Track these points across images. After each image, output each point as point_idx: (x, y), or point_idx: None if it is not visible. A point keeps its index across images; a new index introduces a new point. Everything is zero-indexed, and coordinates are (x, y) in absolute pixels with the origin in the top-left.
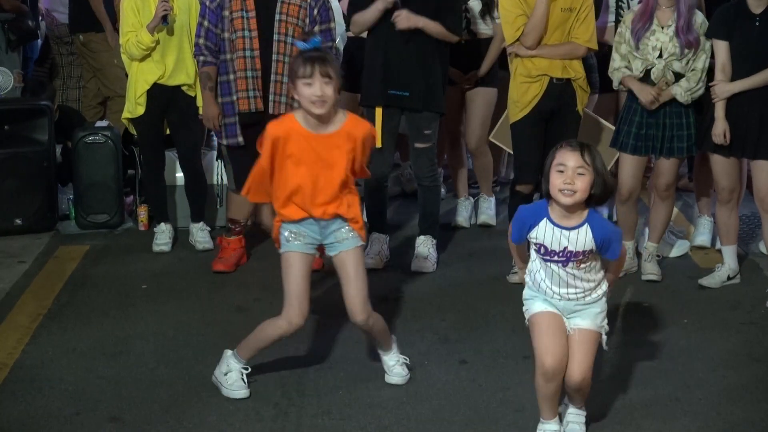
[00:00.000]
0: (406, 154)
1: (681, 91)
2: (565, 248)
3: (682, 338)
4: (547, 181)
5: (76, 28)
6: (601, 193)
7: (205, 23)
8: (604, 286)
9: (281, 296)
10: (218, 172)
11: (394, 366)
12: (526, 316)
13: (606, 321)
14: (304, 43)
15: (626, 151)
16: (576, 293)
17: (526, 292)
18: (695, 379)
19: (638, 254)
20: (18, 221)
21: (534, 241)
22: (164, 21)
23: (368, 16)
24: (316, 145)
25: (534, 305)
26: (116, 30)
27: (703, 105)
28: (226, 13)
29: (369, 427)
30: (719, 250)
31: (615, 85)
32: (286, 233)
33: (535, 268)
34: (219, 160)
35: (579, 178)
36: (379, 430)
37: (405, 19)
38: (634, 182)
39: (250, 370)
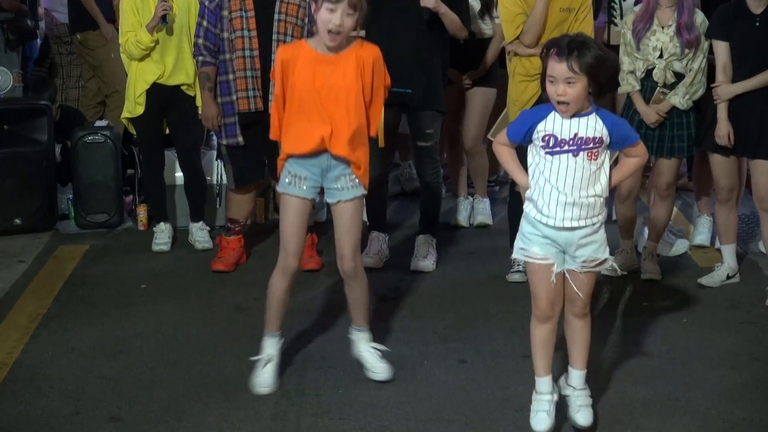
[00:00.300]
0: (406, 153)
1: (679, 99)
2: (576, 134)
3: (681, 337)
4: (544, 89)
5: (75, 28)
6: (600, 88)
7: (204, 23)
8: (605, 213)
9: None
10: (218, 172)
11: (375, 363)
12: (522, 251)
13: (607, 251)
14: None
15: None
16: (580, 215)
17: (525, 227)
18: (695, 378)
19: (637, 253)
20: (17, 221)
21: (542, 134)
22: (164, 21)
23: None
24: (325, 65)
25: (532, 247)
26: (115, 29)
27: (701, 104)
28: (225, 13)
29: (369, 427)
30: (719, 250)
31: (621, 91)
32: (287, 174)
33: (540, 187)
34: (219, 160)
35: (570, 87)
36: (378, 430)
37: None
38: (633, 181)
39: (283, 338)
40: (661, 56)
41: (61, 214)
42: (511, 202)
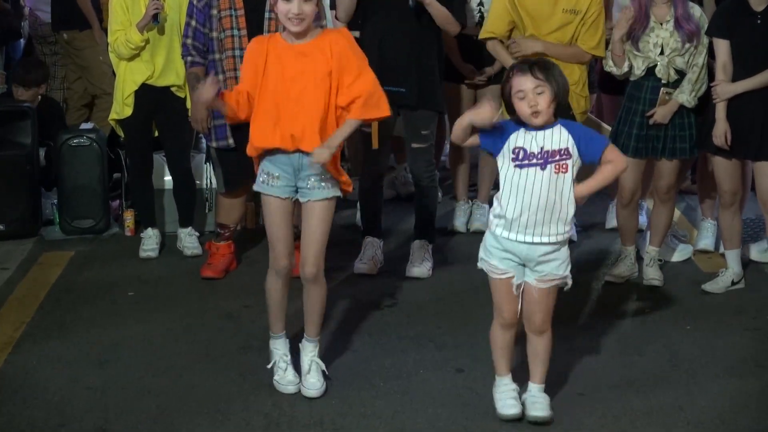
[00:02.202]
0: (402, 156)
1: (686, 97)
2: (542, 148)
3: (685, 345)
4: (512, 111)
5: (60, 26)
6: (559, 103)
7: (193, 23)
8: (572, 231)
9: None
10: (207, 176)
11: (310, 377)
12: (483, 262)
13: (568, 269)
14: None
15: (627, 153)
16: (542, 231)
17: (488, 239)
18: (699, 386)
19: (640, 259)
20: (0, 227)
21: (513, 146)
22: (155, 20)
23: None
24: (296, 55)
25: (491, 259)
26: (103, 28)
27: (703, 104)
28: (215, 12)
29: None
30: (723, 254)
31: (609, 66)
32: (261, 173)
33: (506, 199)
34: (207, 163)
35: (540, 97)
36: None
37: None
38: (636, 185)
39: (290, 338)
40: (662, 53)
41: (46, 219)
42: None
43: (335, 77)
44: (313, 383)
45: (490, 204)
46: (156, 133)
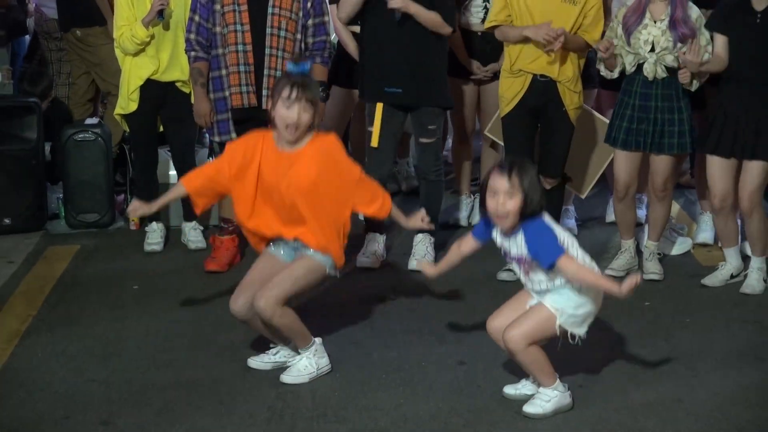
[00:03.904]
0: (403, 150)
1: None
2: (510, 251)
3: (684, 338)
4: (484, 205)
5: (70, 23)
6: (532, 211)
7: (196, 18)
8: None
9: None
10: None
11: (299, 360)
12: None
13: (567, 316)
14: (295, 66)
15: (617, 146)
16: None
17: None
18: (698, 379)
19: (639, 253)
20: (6, 221)
21: (499, 244)
22: (160, 16)
23: None
24: (286, 166)
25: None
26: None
27: (699, 101)
28: (218, 7)
29: (365, 430)
30: (722, 248)
31: (602, 71)
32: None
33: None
34: (211, 158)
35: (509, 201)
36: None
37: (398, 0)
38: (630, 178)
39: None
40: (652, 50)
41: (51, 213)
42: None
43: (329, 183)
44: (296, 370)
45: None
46: (161, 128)
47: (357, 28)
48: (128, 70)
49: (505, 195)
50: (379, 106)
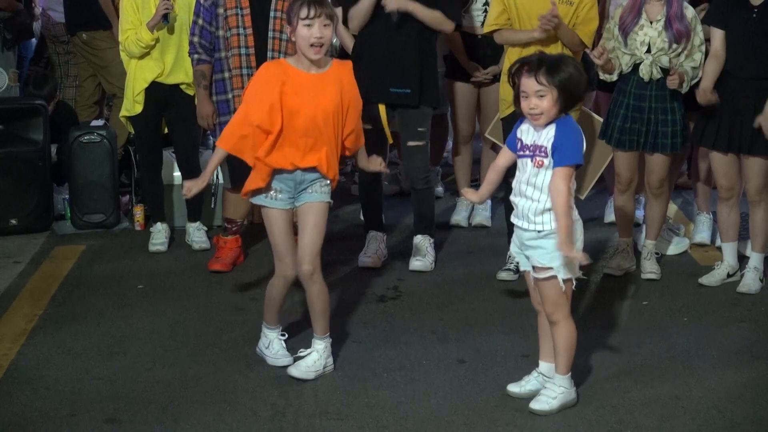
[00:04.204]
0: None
1: (689, 70)
2: (534, 141)
3: (681, 336)
4: (518, 103)
5: (77, 27)
6: (566, 102)
7: (200, 21)
8: (553, 226)
9: None
10: (215, 172)
11: (306, 359)
12: None
13: (558, 262)
14: None
15: (611, 144)
16: (523, 215)
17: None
18: (695, 377)
19: (637, 252)
20: (13, 221)
21: (517, 137)
22: (165, 20)
23: (361, 6)
24: (310, 85)
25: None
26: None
27: (692, 102)
28: (221, 10)
29: (367, 427)
30: (719, 248)
31: (602, 74)
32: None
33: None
34: None
35: (541, 100)
36: (377, 430)
37: (394, 1)
38: (631, 173)
39: (286, 336)
40: (648, 51)
41: (57, 214)
42: (506, 196)
43: (345, 109)
44: (305, 366)
45: (492, 199)
46: (165, 130)
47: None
48: (133, 72)
49: (535, 96)
50: (382, 108)
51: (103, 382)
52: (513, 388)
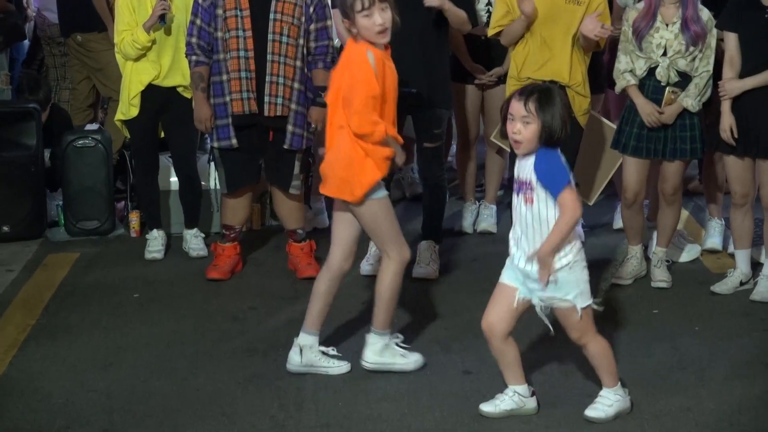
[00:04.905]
0: (408, 157)
1: (691, 102)
2: (519, 176)
3: (693, 346)
4: (504, 125)
5: (71, 28)
6: (550, 140)
7: (198, 22)
8: (564, 261)
9: (278, 304)
10: (213, 177)
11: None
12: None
13: (578, 294)
14: None
15: (627, 153)
16: (531, 244)
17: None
18: (707, 388)
19: (647, 259)
20: (5, 228)
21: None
22: (162, 20)
23: None
24: (391, 63)
25: (504, 272)
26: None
27: (710, 104)
28: (220, 11)
29: None
30: (731, 254)
31: (617, 89)
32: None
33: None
34: (211, 164)
35: (525, 127)
36: None
37: None
38: (639, 186)
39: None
40: (664, 54)
41: (51, 221)
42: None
43: None
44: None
45: (497, 205)
46: (162, 134)
47: None
48: (129, 75)
49: (520, 121)
50: None
51: (98, 395)
52: (486, 407)
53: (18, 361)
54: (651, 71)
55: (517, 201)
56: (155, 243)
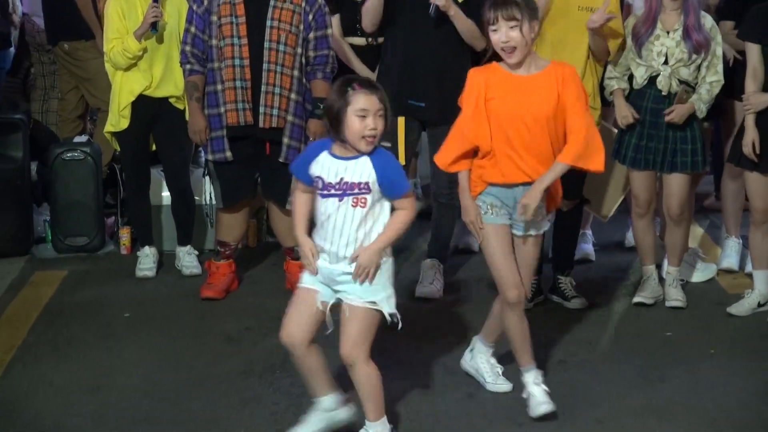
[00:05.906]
0: (413, 171)
1: (702, 106)
2: (342, 179)
3: (709, 370)
4: (340, 124)
5: (58, 36)
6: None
7: (192, 29)
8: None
9: (274, 324)
10: (208, 191)
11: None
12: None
13: (386, 298)
14: None
15: (624, 164)
16: (338, 261)
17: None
18: (724, 415)
19: (661, 279)
20: None
21: (313, 176)
22: (153, 28)
23: (371, 2)
24: (518, 85)
25: (303, 275)
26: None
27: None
28: (215, 18)
29: None
30: (748, 274)
31: (606, 94)
32: (482, 205)
33: (319, 225)
34: (206, 177)
35: (380, 121)
36: None
37: None
38: (650, 194)
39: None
40: (666, 62)
41: (37, 237)
42: None
43: (561, 113)
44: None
45: None
46: (153, 147)
47: (357, 40)
48: (119, 85)
49: (376, 115)
50: (401, 120)
51: (86, 419)
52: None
53: (3, 383)
54: (651, 80)
55: (334, 203)
56: (147, 260)
